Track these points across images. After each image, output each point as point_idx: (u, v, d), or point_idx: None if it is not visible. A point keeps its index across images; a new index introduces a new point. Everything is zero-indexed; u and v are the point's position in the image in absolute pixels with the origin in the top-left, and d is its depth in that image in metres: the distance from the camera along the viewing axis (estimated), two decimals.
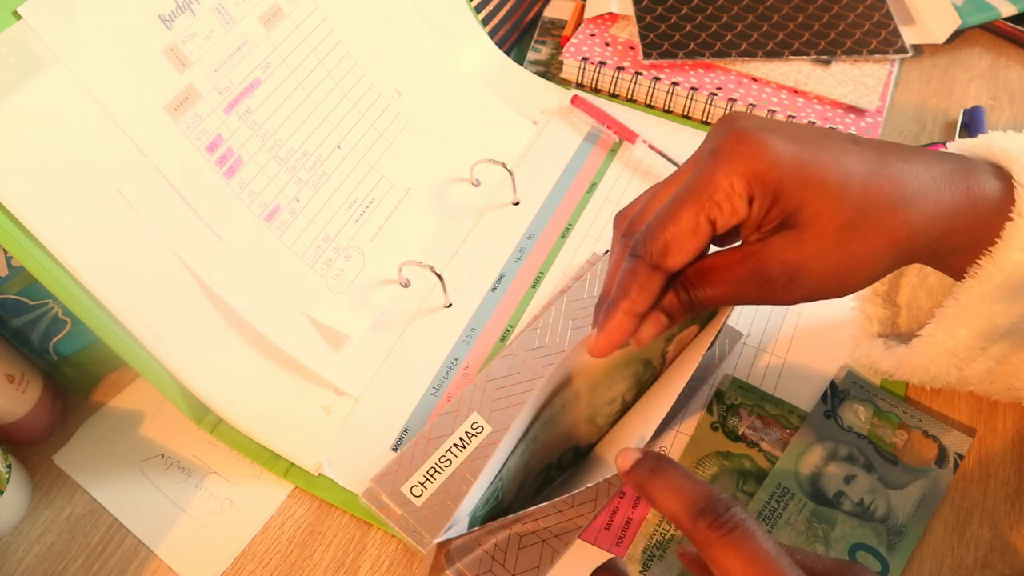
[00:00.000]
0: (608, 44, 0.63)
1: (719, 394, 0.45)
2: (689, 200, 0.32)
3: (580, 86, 0.63)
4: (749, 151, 0.31)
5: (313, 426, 0.45)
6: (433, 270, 0.48)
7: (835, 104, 0.59)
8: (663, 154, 0.57)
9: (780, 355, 0.47)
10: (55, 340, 0.45)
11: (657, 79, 0.60)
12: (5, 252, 0.42)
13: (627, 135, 0.58)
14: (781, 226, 0.32)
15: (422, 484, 0.41)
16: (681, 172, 0.34)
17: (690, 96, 0.60)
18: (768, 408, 0.45)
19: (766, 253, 0.32)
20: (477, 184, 0.55)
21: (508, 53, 0.65)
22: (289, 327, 0.45)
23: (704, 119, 0.60)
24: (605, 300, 0.34)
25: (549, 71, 0.65)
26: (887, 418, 0.44)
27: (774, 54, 0.61)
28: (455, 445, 0.42)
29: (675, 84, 0.60)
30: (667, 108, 0.61)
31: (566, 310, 0.48)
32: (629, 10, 0.64)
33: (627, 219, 0.36)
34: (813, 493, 0.42)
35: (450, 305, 0.50)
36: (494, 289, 0.51)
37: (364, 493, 0.41)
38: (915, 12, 0.67)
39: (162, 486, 0.44)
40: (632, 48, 0.63)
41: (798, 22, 0.63)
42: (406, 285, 0.50)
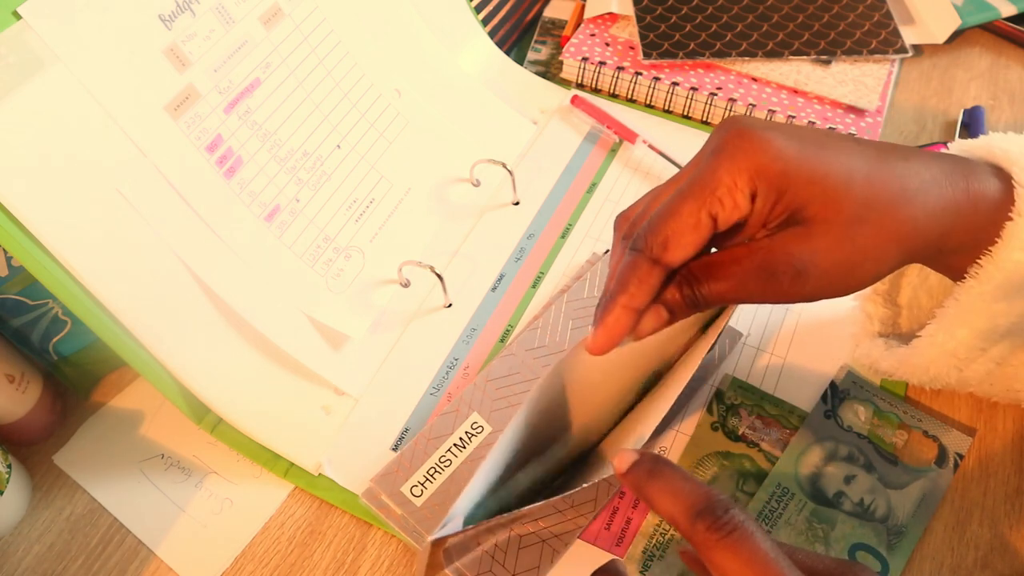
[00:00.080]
0: (608, 44, 0.63)
1: (719, 394, 0.45)
2: (691, 195, 0.32)
3: (580, 86, 0.63)
4: (751, 147, 0.31)
5: (313, 426, 0.45)
6: (433, 270, 0.48)
7: (835, 104, 0.59)
8: (663, 154, 0.57)
9: (780, 355, 0.47)
10: (55, 340, 0.45)
11: (657, 79, 0.60)
12: (5, 252, 0.42)
13: (627, 135, 0.58)
14: (788, 222, 0.32)
15: (422, 484, 0.41)
16: (683, 173, 0.35)
17: (690, 96, 0.60)
18: (768, 408, 0.45)
19: (774, 247, 0.32)
20: (477, 184, 0.55)
21: (508, 53, 0.65)
22: (289, 327, 0.45)
23: (704, 119, 0.60)
24: (604, 299, 0.34)
25: (549, 71, 0.65)
26: (887, 418, 0.44)
27: (774, 54, 0.61)
28: (455, 445, 0.42)
29: (675, 84, 0.60)
30: (667, 108, 0.61)
31: (566, 310, 0.48)
32: (629, 10, 0.64)
33: (628, 220, 0.36)
34: (813, 493, 0.42)
35: (450, 305, 0.50)
36: (494, 289, 0.51)
37: (364, 493, 0.41)
38: (915, 12, 0.67)
39: (162, 486, 0.44)
40: (632, 48, 0.63)
41: (798, 22, 0.63)
42: (406, 285, 0.50)
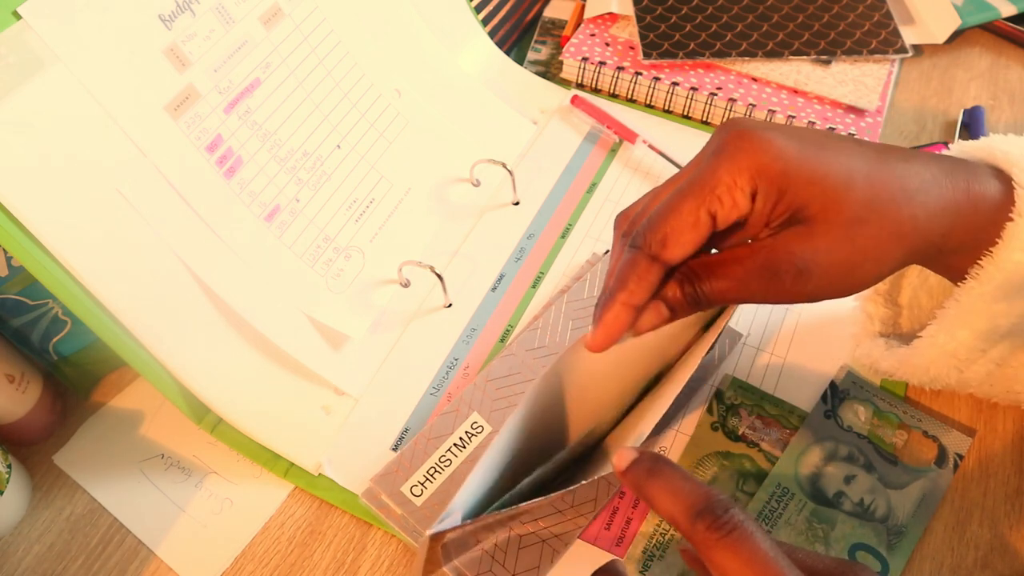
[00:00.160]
0: (608, 44, 0.63)
1: (719, 394, 0.45)
2: (690, 194, 0.32)
3: (580, 86, 0.63)
4: (752, 147, 0.31)
5: (313, 426, 0.45)
6: (433, 270, 0.48)
7: (835, 104, 0.59)
8: (663, 154, 0.57)
9: (780, 355, 0.47)
10: (55, 340, 0.45)
11: (657, 79, 0.60)
12: (5, 252, 0.42)
13: (627, 135, 0.58)
14: (789, 222, 0.32)
15: (422, 484, 0.41)
16: (683, 173, 0.35)
17: (690, 96, 0.60)
18: (768, 408, 0.45)
19: (776, 246, 0.32)
20: (477, 184, 0.55)
21: (508, 53, 0.65)
22: (289, 327, 0.45)
23: (704, 119, 0.60)
24: (603, 296, 0.34)
25: (549, 71, 0.65)
26: (887, 418, 0.44)
27: (774, 54, 0.61)
28: (455, 445, 0.42)
29: (675, 84, 0.60)
30: (667, 108, 0.61)
31: (566, 310, 0.48)
32: (629, 10, 0.64)
33: (628, 219, 0.36)
34: (813, 493, 0.42)
35: (450, 305, 0.50)
36: (494, 289, 0.51)
37: (364, 493, 0.41)
38: (915, 12, 0.67)
39: (162, 486, 0.44)
40: (632, 48, 0.63)
41: (798, 22, 0.63)
42: (406, 285, 0.50)
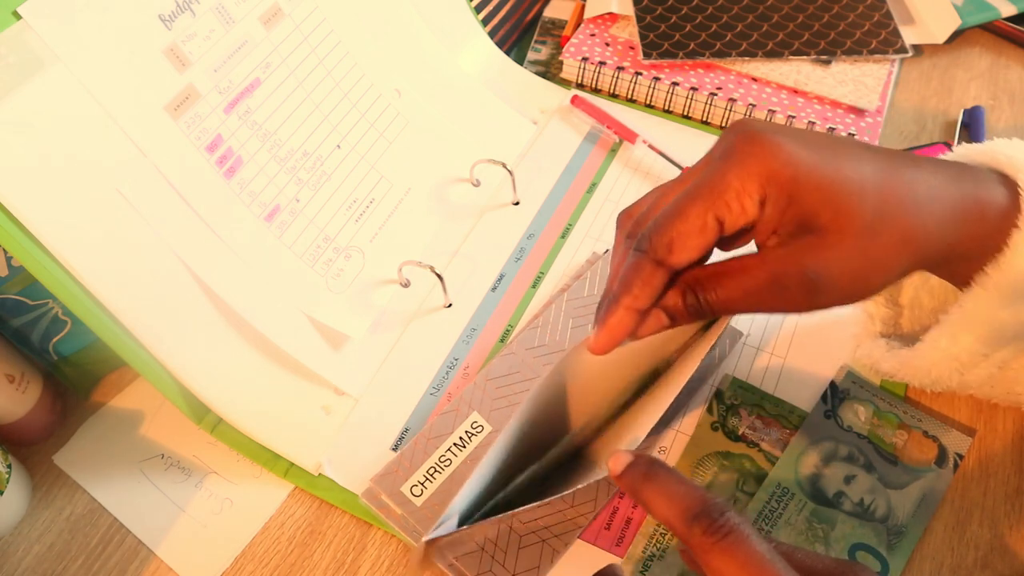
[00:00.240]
0: (608, 44, 0.63)
1: (719, 394, 0.45)
2: (698, 198, 0.31)
3: (580, 86, 0.63)
4: (762, 152, 0.31)
5: (313, 426, 0.45)
6: (433, 270, 0.48)
7: (835, 104, 0.59)
8: (663, 154, 0.57)
9: (780, 355, 0.47)
10: (55, 340, 0.45)
11: (657, 79, 0.60)
12: (5, 252, 0.42)
13: (627, 135, 0.58)
14: (798, 231, 0.31)
15: (422, 484, 0.41)
16: (690, 174, 0.34)
17: (690, 96, 0.60)
18: (768, 408, 0.45)
19: (786, 258, 0.31)
20: (477, 184, 0.55)
21: (508, 53, 0.65)
22: (289, 327, 0.45)
23: (704, 119, 0.60)
24: (607, 299, 0.34)
25: (549, 71, 0.65)
26: (887, 418, 0.44)
27: (774, 54, 0.61)
28: (455, 444, 0.42)
29: (675, 84, 0.60)
30: (667, 108, 0.61)
31: (566, 309, 0.48)
32: (629, 10, 0.64)
33: (632, 219, 0.35)
34: (813, 493, 0.42)
35: (450, 305, 0.50)
36: (494, 289, 0.51)
37: (364, 493, 0.41)
38: (915, 12, 0.67)
39: (162, 486, 0.44)
40: (632, 48, 0.63)
41: (798, 22, 0.63)
42: (406, 285, 0.50)
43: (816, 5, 0.64)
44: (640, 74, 0.61)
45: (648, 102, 0.62)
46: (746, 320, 0.49)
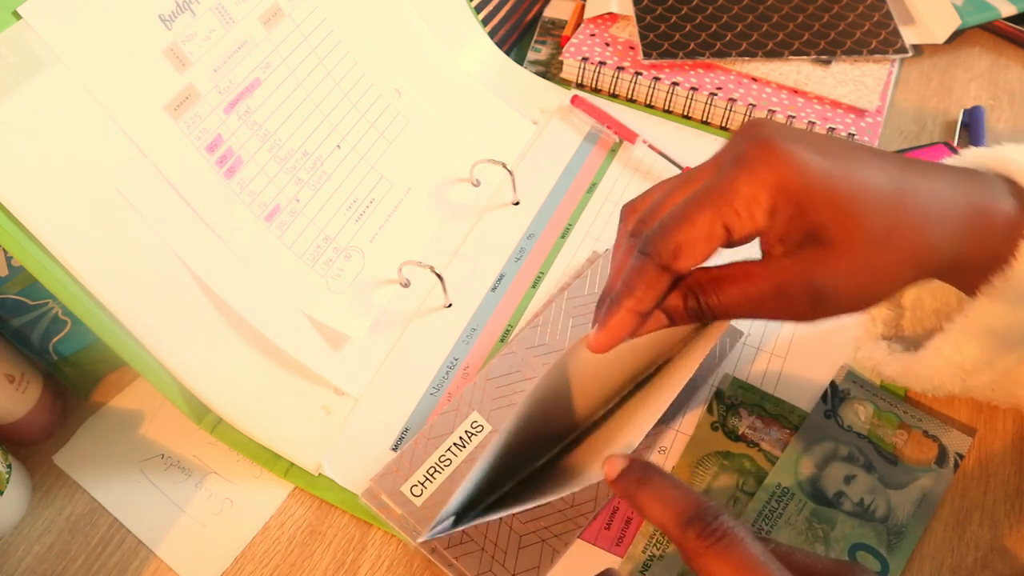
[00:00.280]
0: (608, 44, 0.63)
1: (719, 394, 0.45)
2: (707, 203, 0.31)
3: (580, 86, 0.63)
4: (776, 161, 0.30)
5: (313, 426, 0.45)
6: (433, 270, 0.48)
7: (835, 104, 0.59)
8: (663, 154, 0.57)
9: (780, 355, 0.47)
10: (55, 340, 0.45)
11: (657, 79, 0.60)
12: (5, 252, 0.42)
13: (627, 135, 0.58)
14: (806, 240, 0.31)
15: (422, 484, 0.41)
16: (699, 173, 0.33)
17: (690, 96, 0.60)
18: (768, 408, 0.45)
19: (792, 269, 0.31)
20: (477, 184, 0.55)
21: (508, 53, 0.65)
22: (289, 327, 0.45)
23: (704, 119, 0.60)
24: (608, 296, 0.34)
25: (549, 71, 0.65)
26: (887, 418, 0.44)
27: (774, 54, 0.61)
28: (455, 444, 0.42)
29: (675, 84, 0.60)
30: (667, 108, 0.61)
31: (566, 307, 0.48)
32: (629, 10, 0.64)
33: (636, 214, 0.35)
34: (813, 493, 0.42)
35: (450, 305, 0.50)
36: (494, 289, 0.51)
37: (364, 493, 0.41)
38: (915, 12, 0.67)
39: (162, 486, 0.44)
40: (632, 48, 0.63)
41: (798, 22, 0.63)
42: (406, 285, 0.50)
43: (816, 5, 0.64)
44: (640, 74, 0.61)
45: (648, 102, 0.62)
46: (746, 320, 0.49)
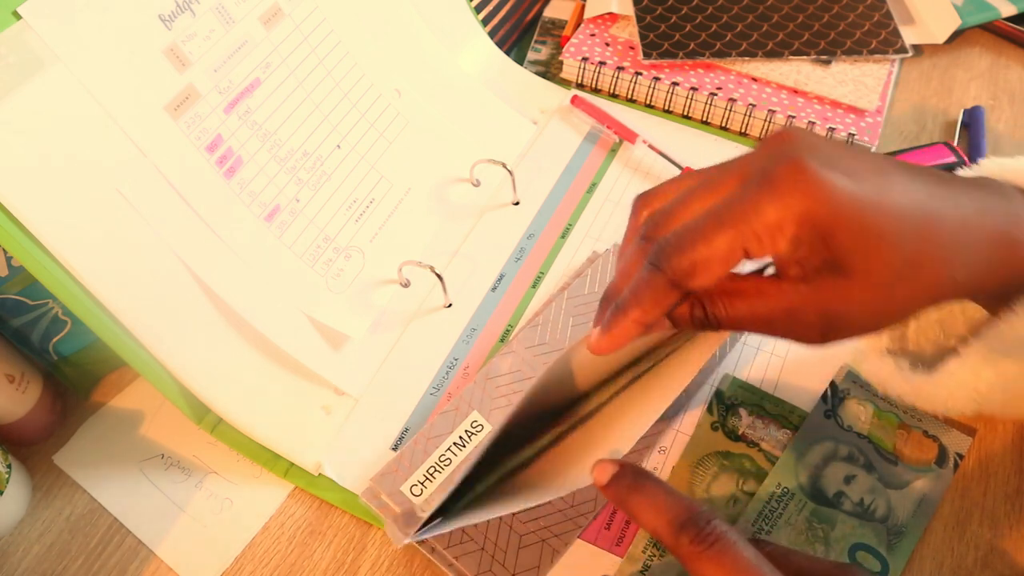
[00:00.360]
0: (608, 44, 0.63)
1: (719, 394, 0.45)
2: (729, 224, 0.29)
3: (580, 86, 0.63)
4: (806, 188, 0.28)
5: (313, 426, 0.45)
6: (433, 270, 0.48)
7: (835, 104, 0.59)
8: (663, 154, 0.57)
9: (780, 354, 0.47)
10: (55, 340, 0.45)
11: (657, 79, 0.60)
12: (5, 252, 0.42)
13: (627, 135, 0.58)
14: (825, 267, 0.29)
15: (422, 483, 0.41)
16: (721, 180, 0.31)
17: (690, 96, 0.60)
18: (768, 408, 0.45)
19: (808, 295, 0.30)
20: (477, 184, 0.55)
21: (508, 53, 0.65)
22: (289, 327, 0.45)
23: (704, 119, 0.60)
24: (614, 296, 0.32)
25: (549, 71, 0.65)
26: (887, 418, 0.44)
27: (774, 54, 0.61)
28: (455, 444, 0.42)
29: (675, 84, 0.60)
30: (667, 108, 0.61)
31: (566, 307, 0.48)
32: (629, 10, 0.64)
33: (649, 211, 0.33)
34: (813, 493, 0.42)
35: (450, 305, 0.50)
36: (494, 289, 0.51)
37: (364, 493, 0.41)
38: (915, 12, 0.67)
39: (162, 486, 0.44)
40: (632, 48, 0.63)
41: (798, 22, 0.63)
42: (406, 285, 0.50)
43: (816, 5, 0.64)
44: (640, 74, 0.61)
45: (648, 102, 0.62)
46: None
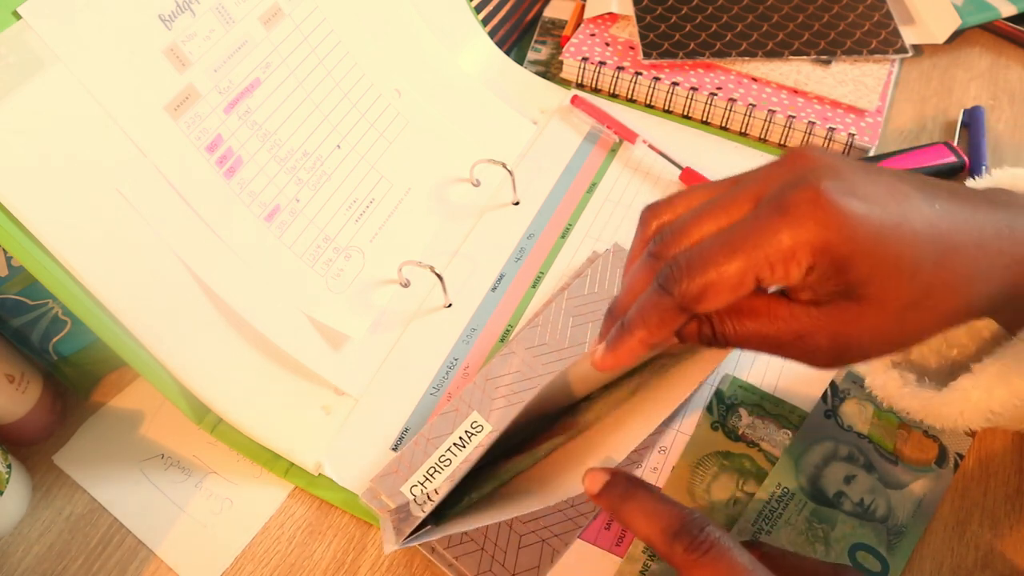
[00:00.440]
0: (608, 44, 0.63)
1: (719, 393, 0.45)
2: (742, 252, 0.28)
3: (580, 86, 0.63)
4: (824, 218, 0.27)
5: (313, 426, 0.45)
6: (433, 270, 0.48)
7: (835, 104, 0.59)
8: (663, 154, 0.57)
9: None
10: (55, 340, 0.45)
11: (657, 79, 0.60)
12: (5, 252, 0.42)
13: (627, 135, 0.58)
14: (838, 293, 0.29)
15: (422, 484, 0.41)
16: (734, 199, 0.30)
17: (690, 96, 0.60)
18: (768, 408, 0.45)
19: (819, 321, 0.29)
20: (477, 184, 0.55)
21: (508, 53, 0.65)
22: (289, 327, 0.45)
23: (704, 119, 0.60)
24: (620, 313, 0.31)
25: (549, 71, 0.65)
26: (887, 418, 0.44)
27: (774, 54, 0.61)
28: (455, 444, 0.42)
29: (675, 84, 0.60)
30: (667, 108, 0.61)
31: (566, 307, 0.48)
32: (629, 10, 0.64)
33: (658, 221, 0.32)
34: (813, 493, 0.42)
35: (450, 305, 0.50)
36: (494, 289, 0.51)
37: (364, 493, 0.41)
38: (915, 12, 0.67)
39: (162, 486, 0.44)
40: (632, 48, 0.63)
41: (798, 22, 0.63)
42: (406, 285, 0.50)
43: (816, 5, 0.64)
44: (640, 74, 0.61)
45: (648, 102, 0.62)
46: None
